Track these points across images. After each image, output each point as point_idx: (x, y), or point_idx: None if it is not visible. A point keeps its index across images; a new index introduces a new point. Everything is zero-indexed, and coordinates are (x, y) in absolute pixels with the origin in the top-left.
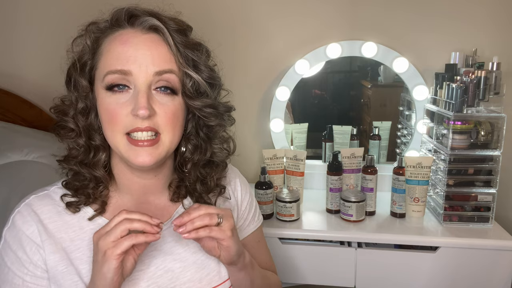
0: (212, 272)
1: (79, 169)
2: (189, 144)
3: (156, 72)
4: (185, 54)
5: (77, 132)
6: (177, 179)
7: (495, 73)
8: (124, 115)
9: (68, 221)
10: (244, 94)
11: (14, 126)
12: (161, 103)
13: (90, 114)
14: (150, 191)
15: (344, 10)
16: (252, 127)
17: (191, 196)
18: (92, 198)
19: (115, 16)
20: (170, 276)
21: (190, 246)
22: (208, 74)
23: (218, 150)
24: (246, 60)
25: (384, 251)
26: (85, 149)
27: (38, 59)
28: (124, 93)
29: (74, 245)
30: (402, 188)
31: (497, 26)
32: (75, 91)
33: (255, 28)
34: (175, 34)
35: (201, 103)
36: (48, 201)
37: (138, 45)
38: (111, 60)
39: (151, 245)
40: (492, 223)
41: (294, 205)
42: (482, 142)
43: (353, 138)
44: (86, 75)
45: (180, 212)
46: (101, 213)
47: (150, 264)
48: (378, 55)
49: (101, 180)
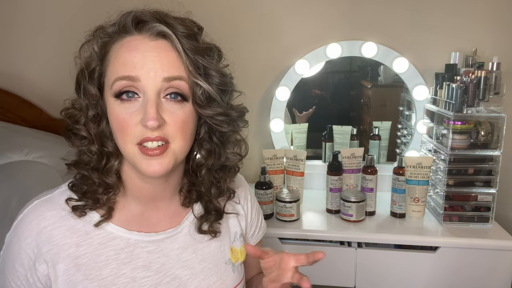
0: (219, 280)
1: (89, 175)
2: (203, 149)
3: (165, 78)
4: (195, 61)
5: (90, 139)
6: (188, 183)
7: (495, 73)
8: (134, 125)
9: (73, 226)
10: (244, 94)
11: (14, 126)
12: (171, 111)
13: (102, 121)
14: (160, 197)
15: (344, 10)
16: (252, 127)
17: (201, 201)
18: (99, 202)
19: (122, 22)
20: (177, 283)
21: (198, 254)
22: (219, 79)
23: (230, 155)
24: (246, 60)
25: (384, 251)
26: (98, 156)
27: (38, 59)
28: (133, 101)
29: (80, 251)
30: (402, 188)
31: (497, 26)
32: (85, 98)
33: (255, 28)
34: (184, 39)
35: (211, 112)
36: (51, 206)
37: (146, 52)
38: (118, 66)
39: (158, 251)
40: (492, 223)
41: (294, 205)
42: (482, 142)
43: (353, 138)
44: (95, 82)
45: (190, 220)
46: (108, 218)
47: (157, 271)
48: (378, 55)
49: (112, 186)
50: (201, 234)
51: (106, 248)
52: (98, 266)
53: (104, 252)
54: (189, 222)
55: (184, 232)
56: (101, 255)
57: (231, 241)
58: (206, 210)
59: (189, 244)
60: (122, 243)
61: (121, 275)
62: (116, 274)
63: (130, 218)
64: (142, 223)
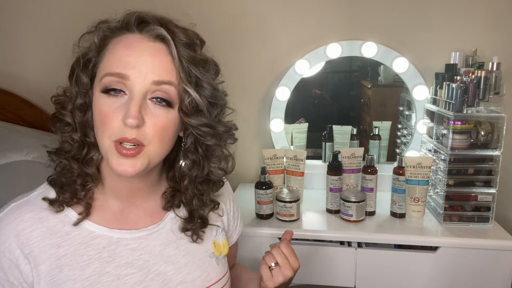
0: (204, 273)
1: (69, 164)
2: (188, 159)
3: (155, 81)
4: (188, 69)
5: (73, 127)
6: (171, 189)
7: (495, 73)
8: (115, 121)
9: (52, 227)
10: (244, 94)
11: (14, 126)
12: (153, 114)
13: (88, 111)
14: (137, 195)
15: (344, 10)
16: (252, 127)
17: (185, 206)
18: (77, 196)
19: (125, 19)
20: (162, 278)
21: (181, 249)
22: (210, 93)
23: (214, 169)
24: (246, 60)
25: (384, 251)
26: (79, 144)
27: (38, 59)
28: (119, 97)
29: (61, 252)
30: (402, 188)
31: (497, 26)
32: (76, 86)
33: (255, 28)
34: (182, 47)
35: (197, 122)
36: (28, 208)
37: (142, 51)
38: (112, 61)
39: (141, 248)
40: (492, 223)
41: (294, 205)
42: (482, 142)
43: (353, 138)
44: (89, 72)
45: (172, 216)
46: (86, 216)
47: (141, 267)
48: (378, 55)
49: (91, 178)
50: (183, 233)
51: (88, 248)
52: (80, 266)
53: (86, 252)
54: (170, 219)
55: (166, 228)
56: (83, 254)
57: (213, 235)
58: (190, 215)
59: (171, 240)
60: (103, 242)
61: (104, 274)
62: (99, 273)
63: (110, 216)
64: (123, 221)
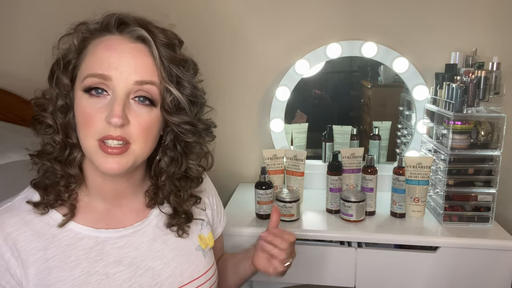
0: (191, 266)
1: (52, 165)
2: (166, 156)
3: (137, 81)
4: (169, 69)
5: (55, 128)
6: (153, 187)
7: (495, 73)
8: (99, 121)
9: (38, 230)
10: (244, 94)
11: (14, 126)
12: (137, 113)
13: (69, 113)
14: (122, 194)
15: (344, 10)
16: (252, 127)
17: (169, 203)
18: (61, 198)
19: (105, 21)
20: (151, 274)
21: (168, 243)
22: (191, 91)
23: (193, 166)
24: (246, 60)
25: (384, 251)
26: (61, 146)
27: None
28: (101, 98)
29: (49, 254)
30: (402, 188)
31: (497, 26)
32: (56, 88)
33: (255, 28)
34: (162, 47)
35: (178, 119)
36: (14, 213)
37: (123, 52)
38: (93, 63)
39: (128, 246)
40: (492, 223)
41: (294, 205)
42: (482, 142)
43: (353, 138)
44: (69, 73)
45: (156, 213)
46: (71, 217)
47: (130, 264)
48: (378, 55)
49: (74, 179)
50: (169, 229)
51: (75, 249)
52: (69, 266)
53: (73, 253)
54: (155, 216)
55: (152, 224)
56: (71, 255)
57: (199, 229)
58: (175, 211)
59: (158, 235)
60: (90, 242)
61: (93, 273)
62: (88, 272)
63: (96, 217)
64: (109, 220)
